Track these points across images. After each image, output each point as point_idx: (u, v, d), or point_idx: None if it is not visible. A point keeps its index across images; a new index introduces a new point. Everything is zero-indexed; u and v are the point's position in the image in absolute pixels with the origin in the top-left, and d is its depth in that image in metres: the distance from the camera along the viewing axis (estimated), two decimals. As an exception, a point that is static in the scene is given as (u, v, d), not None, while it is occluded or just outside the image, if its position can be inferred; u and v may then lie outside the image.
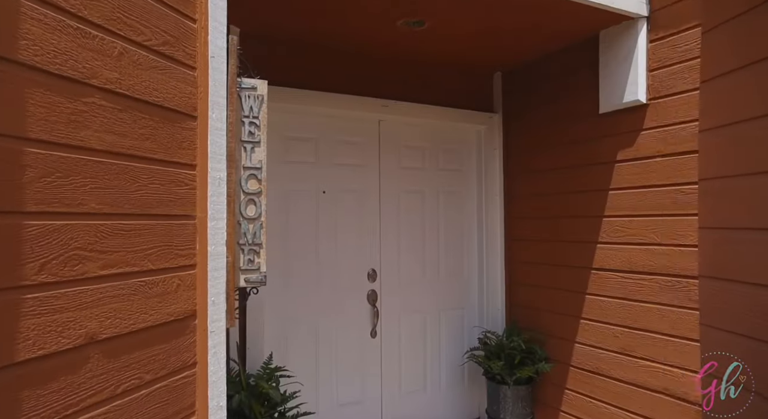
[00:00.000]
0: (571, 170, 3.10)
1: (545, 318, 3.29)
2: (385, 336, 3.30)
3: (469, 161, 3.68)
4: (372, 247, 3.28)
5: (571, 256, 3.09)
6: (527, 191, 3.45)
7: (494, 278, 3.60)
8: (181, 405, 1.47)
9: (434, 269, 3.51)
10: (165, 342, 1.41)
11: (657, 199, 2.59)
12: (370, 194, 3.29)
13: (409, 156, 3.44)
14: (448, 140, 3.59)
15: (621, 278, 2.78)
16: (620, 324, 2.78)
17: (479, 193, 3.67)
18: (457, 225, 3.62)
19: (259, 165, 1.71)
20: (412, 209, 3.44)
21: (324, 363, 3.10)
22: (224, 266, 1.60)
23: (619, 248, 2.79)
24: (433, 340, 3.49)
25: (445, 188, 3.57)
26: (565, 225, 3.13)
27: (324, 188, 3.14)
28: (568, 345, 3.10)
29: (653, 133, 2.61)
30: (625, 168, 2.76)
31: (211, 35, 1.55)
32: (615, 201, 2.81)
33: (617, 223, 2.80)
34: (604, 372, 2.86)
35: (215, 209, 1.57)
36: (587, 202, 2.98)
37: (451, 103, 3.50)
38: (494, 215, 3.62)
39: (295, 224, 3.04)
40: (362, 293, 3.24)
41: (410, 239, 3.42)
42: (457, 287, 3.59)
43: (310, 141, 3.12)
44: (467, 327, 3.62)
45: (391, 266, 3.34)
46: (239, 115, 1.68)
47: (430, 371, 3.47)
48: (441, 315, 3.53)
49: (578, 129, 3.06)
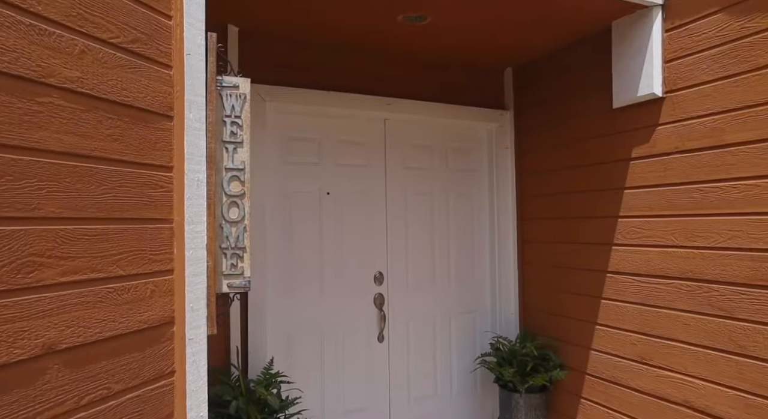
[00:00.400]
0: (584, 168, 2.96)
1: (560, 323, 3.15)
2: (392, 341, 3.21)
3: (480, 160, 3.56)
4: (378, 249, 3.20)
5: (586, 258, 2.94)
6: (540, 191, 3.31)
7: (507, 282, 3.47)
8: (158, 415, 1.41)
9: (444, 271, 3.41)
10: (138, 350, 1.35)
11: (675, 198, 2.43)
12: (375, 195, 3.21)
13: (417, 156, 3.35)
14: (457, 138, 3.49)
15: (638, 282, 2.62)
16: (638, 330, 2.62)
17: (490, 193, 3.55)
18: (468, 227, 3.50)
19: (242, 166, 1.65)
20: (420, 210, 3.34)
21: (329, 368, 3.03)
22: (204, 271, 1.54)
23: (635, 251, 2.64)
24: (443, 345, 3.38)
25: (455, 189, 3.47)
26: (579, 226, 2.99)
27: (328, 190, 3.07)
28: (583, 351, 2.96)
29: (670, 128, 2.46)
30: (640, 166, 2.61)
31: (186, 32, 1.50)
32: (630, 201, 2.66)
33: (633, 224, 2.65)
34: (622, 381, 2.71)
35: (193, 213, 1.51)
36: (602, 202, 2.84)
37: (460, 100, 3.39)
38: (506, 216, 3.49)
39: (298, 227, 2.98)
40: (369, 296, 3.16)
41: (418, 241, 3.32)
42: (468, 291, 3.48)
43: (313, 141, 3.06)
44: (479, 331, 3.50)
45: (399, 269, 3.25)
46: (220, 114, 1.62)
47: (441, 377, 3.37)
48: (451, 319, 3.43)
49: (591, 125, 2.91)
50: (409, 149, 3.33)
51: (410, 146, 3.34)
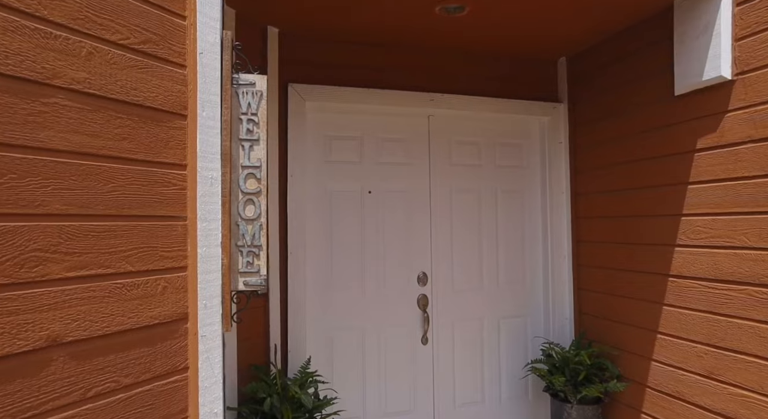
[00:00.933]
0: (644, 162, 2.71)
1: (618, 330, 2.91)
2: (437, 343, 3.12)
3: (531, 156, 3.38)
4: (422, 250, 3.12)
5: (646, 260, 2.69)
6: (597, 188, 3.08)
7: (561, 285, 3.26)
8: (170, 410, 1.43)
9: (492, 273, 3.26)
10: (148, 345, 1.38)
11: (746, 193, 2.15)
12: (419, 193, 3.13)
13: (463, 153, 3.23)
14: (506, 134, 3.32)
15: (704, 287, 2.35)
16: (705, 342, 2.35)
17: (543, 191, 3.35)
18: (518, 226, 3.33)
19: (258, 164, 1.64)
20: (467, 209, 3.22)
21: (371, 368, 2.99)
22: (219, 268, 1.55)
23: (701, 252, 2.37)
24: (491, 349, 3.24)
25: (504, 186, 3.31)
26: (639, 226, 2.74)
27: (369, 188, 3.04)
28: (644, 362, 2.71)
29: (741, 114, 2.18)
30: (706, 158, 2.34)
31: (200, 32, 1.51)
32: (695, 197, 2.40)
33: (698, 222, 2.38)
34: (687, 397, 2.44)
35: (206, 210, 1.52)
36: (663, 199, 2.58)
37: (509, 93, 3.23)
38: (560, 216, 3.28)
39: (338, 226, 2.97)
40: (412, 297, 3.09)
41: (465, 241, 3.20)
42: (518, 294, 3.31)
43: (354, 140, 3.03)
44: (530, 336, 3.31)
45: (444, 270, 3.15)
46: (237, 112, 1.63)
47: (489, 382, 3.22)
48: (500, 323, 3.27)
49: (651, 116, 2.66)
50: (455, 145, 3.22)
51: (456, 143, 3.22)
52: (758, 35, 2.11)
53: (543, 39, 2.98)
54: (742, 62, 2.18)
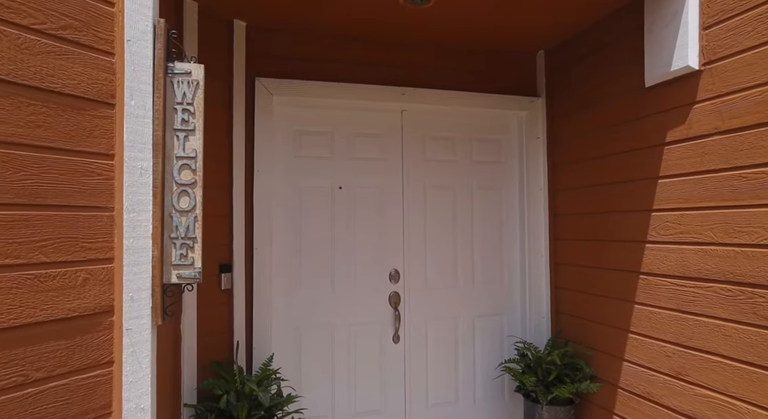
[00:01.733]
0: (616, 157, 2.64)
1: (592, 329, 2.84)
2: (409, 342, 3.07)
3: (508, 151, 3.31)
4: (395, 246, 3.07)
5: (618, 258, 2.62)
6: (574, 184, 3.01)
7: (538, 283, 3.20)
8: (91, 405, 1.40)
9: (467, 271, 3.20)
10: (66, 338, 1.34)
11: (713, 187, 2.08)
12: (392, 189, 3.08)
13: (438, 148, 3.18)
14: (482, 129, 3.26)
15: (673, 285, 2.28)
16: (673, 341, 2.28)
17: (521, 187, 3.28)
18: (494, 223, 3.27)
19: (193, 154, 1.60)
20: (441, 206, 3.16)
21: (340, 367, 2.94)
22: (149, 260, 1.51)
23: (669, 249, 2.30)
24: (466, 349, 3.18)
25: (480, 183, 3.25)
26: (611, 222, 2.67)
27: (340, 184, 2.99)
28: (616, 362, 2.64)
29: (708, 106, 2.11)
30: (675, 151, 2.27)
31: (128, 18, 1.48)
32: (664, 192, 2.33)
33: (667, 218, 2.31)
34: (656, 398, 2.37)
35: (134, 201, 1.49)
36: (634, 194, 2.51)
37: (484, 87, 3.17)
38: (537, 213, 3.21)
39: (308, 222, 2.93)
40: (383, 295, 3.04)
41: (439, 238, 3.15)
42: (495, 292, 3.25)
43: (325, 135, 2.99)
44: (507, 336, 3.25)
45: (417, 268, 3.10)
46: (171, 101, 1.59)
47: (463, 382, 3.16)
48: (475, 322, 3.21)
49: (622, 109, 2.59)
50: (429, 140, 3.17)
51: (430, 138, 3.17)
52: (725, 23, 2.04)
53: (518, 31, 2.92)
54: (709, 52, 2.11)
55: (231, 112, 2.71)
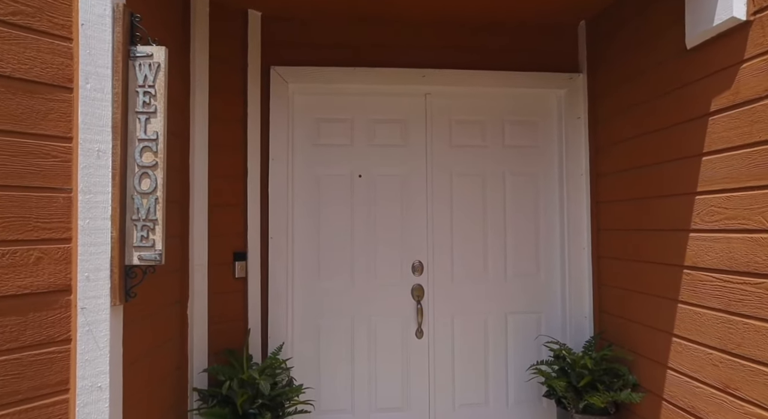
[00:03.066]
0: (657, 134, 2.29)
1: (634, 331, 2.49)
2: (433, 338, 2.90)
3: (545, 134, 3.02)
4: (418, 237, 2.92)
5: (661, 249, 2.27)
6: (617, 167, 2.67)
7: (579, 279, 2.88)
8: (45, 380, 1.44)
9: (499, 264, 2.96)
10: (17, 314, 1.39)
11: (764, 162, 1.72)
12: (415, 177, 2.93)
13: (465, 133, 2.97)
14: (516, 110, 3.01)
15: (718, 280, 1.93)
16: (719, 347, 1.93)
17: (559, 173, 2.98)
18: (531, 213, 2.99)
19: (154, 137, 1.60)
20: (469, 194, 2.96)
21: (360, 361, 2.86)
22: (107, 241, 1.53)
23: (715, 238, 1.94)
24: (497, 347, 2.95)
25: (513, 169, 2.99)
26: (654, 208, 2.32)
27: (360, 172, 2.90)
28: (659, 370, 2.29)
29: (759, 63, 1.74)
30: (720, 122, 1.91)
31: (82, 3, 1.50)
32: (708, 171, 1.97)
33: (712, 201, 1.95)
34: (702, 414, 2.02)
35: (91, 183, 1.51)
36: (676, 175, 2.16)
37: (516, 65, 2.92)
38: (578, 200, 2.90)
39: (327, 211, 2.87)
40: (406, 287, 2.90)
41: (467, 228, 2.95)
42: (530, 288, 2.98)
43: (345, 122, 2.92)
44: (541, 335, 2.96)
45: (443, 260, 2.93)
46: (134, 84, 1.60)
47: (494, 384, 2.94)
48: (509, 319, 2.96)
49: (663, 77, 2.24)
50: (456, 125, 2.98)
51: (457, 122, 2.98)
52: (779, -38, 1.67)
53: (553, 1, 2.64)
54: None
55: (246, 101, 2.72)
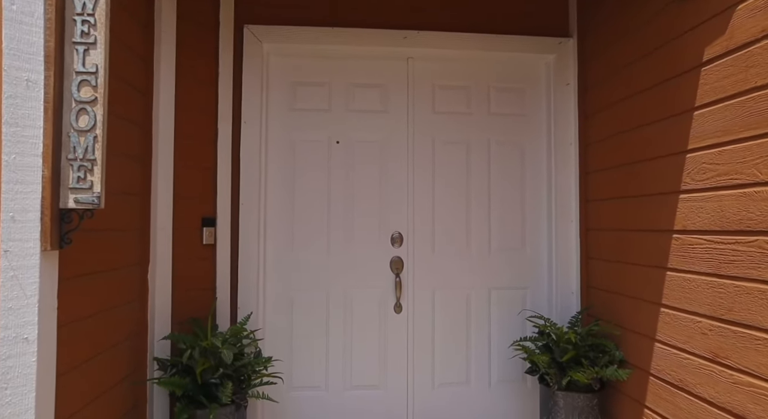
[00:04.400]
0: (649, 92, 2.15)
1: (622, 304, 2.36)
2: (413, 313, 2.77)
3: (533, 102, 2.88)
4: (398, 207, 2.78)
5: (650, 215, 2.14)
6: (605, 133, 2.53)
7: (566, 252, 2.75)
8: (-37, 328, 1.31)
9: (482, 238, 2.83)
10: (-71, 253, 1.26)
11: (758, 109, 1.58)
12: (396, 145, 2.80)
13: (449, 99, 2.84)
14: (503, 77, 2.87)
15: (708, 243, 1.79)
16: (709, 314, 1.79)
17: (547, 142, 2.84)
18: (516, 184, 2.86)
19: (93, 70, 1.47)
20: (453, 163, 2.82)
21: (335, 335, 2.73)
22: (38, 180, 1.40)
23: (705, 198, 1.81)
24: (480, 324, 2.81)
25: (499, 138, 2.85)
26: (644, 172, 2.19)
27: (338, 138, 2.77)
28: (647, 343, 2.16)
29: (755, 2, 1.60)
30: (713, 72, 1.77)
31: None
32: (701, 126, 1.83)
33: (703, 158, 1.82)
34: (690, 386, 1.89)
35: (17, 114, 1.38)
36: (666, 134, 2.02)
37: (504, 28, 2.77)
38: (567, 170, 2.76)
39: (302, 178, 2.74)
40: (384, 259, 2.77)
41: (449, 199, 2.81)
42: (515, 263, 2.84)
43: (322, 86, 2.78)
44: (530, 312, 2.83)
45: (423, 232, 2.79)
46: (71, 12, 1.46)
47: (476, 362, 2.80)
48: (492, 295, 2.83)
49: (655, 32, 2.10)
50: (440, 91, 2.84)
51: (440, 88, 2.84)
52: None
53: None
54: (756, -68, 1.60)
55: (217, 61, 2.59)
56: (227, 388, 2.10)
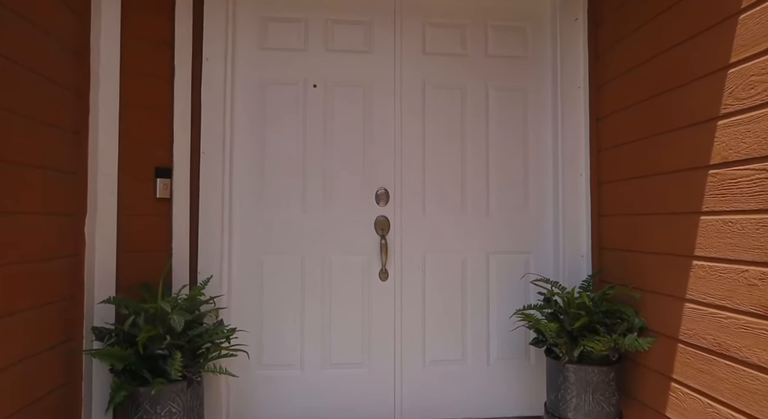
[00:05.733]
0: (681, 4, 1.82)
1: (643, 263, 2.03)
2: (401, 281, 2.44)
3: (537, 42, 2.54)
4: (384, 160, 2.44)
5: (679, 153, 1.81)
6: (623, 67, 2.19)
7: (575, 210, 2.42)
8: None
9: (480, 194, 2.49)
10: None
11: (831, -10, 1.25)
12: (381, 89, 2.45)
13: (442, 38, 2.50)
14: (501, 13, 2.53)
15: (756, 172, 1.46)
16: (758, 260, 1.47)
17: (553, 87, 2.51)
18: (518, 134, 2.52)
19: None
20: (446, 110, 2.49)
21: (312, 306, 2.39)
22: None
23: (752, 119, 1.48)
24: (477, 293, 2.48)
25: (498, 82, 2.52)
26: (673, 101, 1.86)
27: (315, 81, 2.42)
28: (674, 305, 1.83)
29: None
30: (765, -43, 1.44)
31: None
32: (747, 31, 1.50)
33: (751, 70, 1.49)
34: (732, 351, 1.56)
35: None
36: (703, 48, 1.69)
37: (504, -43, 2.44)
38: (575, 116, 2.43)
39: (274, 126, 2.40)
40: (368, 219, 2.43)
41: (442, 151, 2.48)
42: (517, 223, 2.51)
43: (298, 22, 2.43)
44: (533, 278, 2.50)
45: (413, 188, 2.45)
46: None
47: (472, 335, 2.47)
48: (491, 260, 2.50)
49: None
50: (431, 28, 2.50)
51: (432, 25, 2.50)
52: None
53: None
54: None
55: (173, -14, 2.24)
56: (176, 360, 1.75)
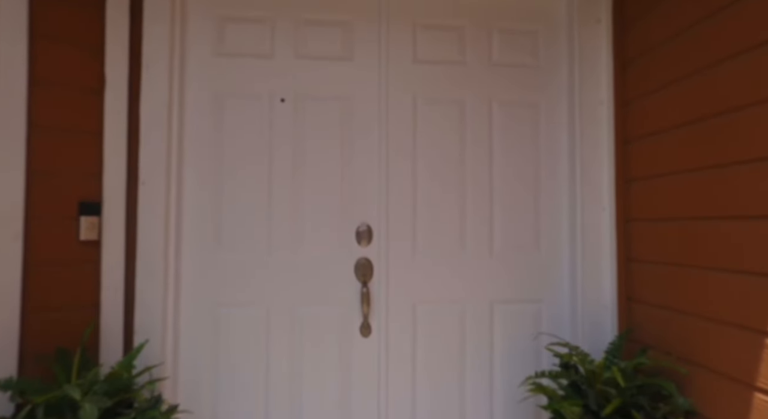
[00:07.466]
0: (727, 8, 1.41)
1: (693, 329, 1.61)
2: (386, 337, 2.01)
3: (549, 48, 2.14)
4: (366, 190, 2.02)
5: (746, 189, 1.40)
6: (662, 78, 1.78)
7: (596, 252, 2.01)
8: None
9: (482, 232, 2.07)
10: None
11: None
12: (363, 104, 2.04)
13: (436, 44, 2.08)
14: (508, 13, 2.12)
15: None
16: None
17: (569, 103, 2.10)
18: (528, 159, 2.11)
19: None
20: (442, 130, 2.07)
21: (278, 372, 1.95)
22: None
23: None
24: (478, 352, 2.06)
25: (504, 97, 2.11)
26: (741, 124, 1.45)
27: (283, 95, 2.00)
28: (738, 391, 1.41)
29: None
30: None
31: None
32: None
33: None
34: (831, 471, 1.14)
35: None
36: (780, 60, 1.28)
37: (511, -53, 2.03)
38: (597, 139, 2.02)
39: (234, 149, 1.97)
40: (347, 262, 2.00)
41: (436, 179, 2.06)
42: (525, 266, 2.09)
43: (263, 22, 2.01)
44: (546, 335, 2.08)
45: (400, 223, 2.03)
46: None
47: (472, 406, 2.04)
48: (495, 311, 2.08)
49: None
50: (423, 31, 2.08)
51: (425, 28, 2.08)
52: None
53: None
54: None
55: (105, -23, 1.81)
56: (83, 468, 1.31)
